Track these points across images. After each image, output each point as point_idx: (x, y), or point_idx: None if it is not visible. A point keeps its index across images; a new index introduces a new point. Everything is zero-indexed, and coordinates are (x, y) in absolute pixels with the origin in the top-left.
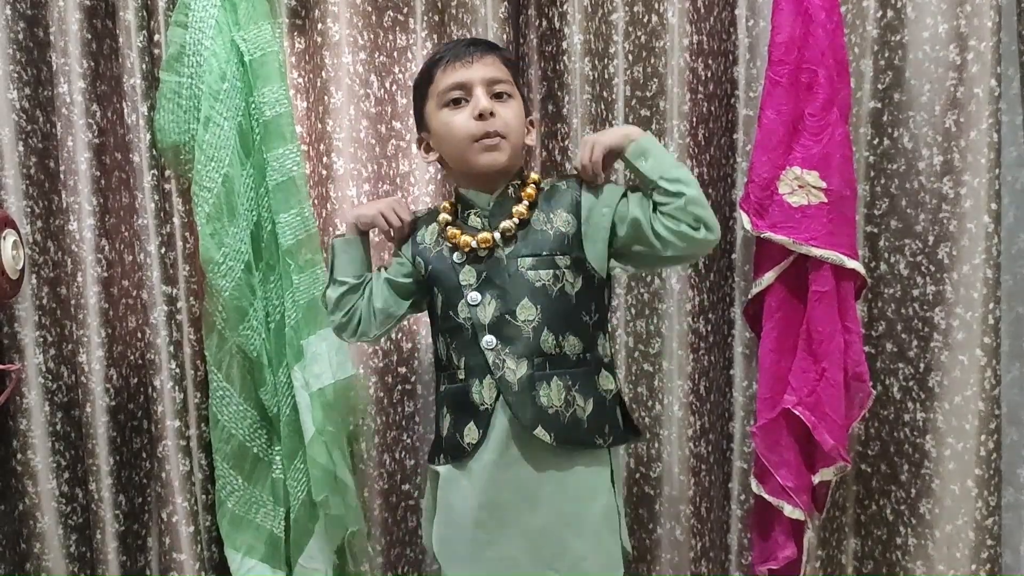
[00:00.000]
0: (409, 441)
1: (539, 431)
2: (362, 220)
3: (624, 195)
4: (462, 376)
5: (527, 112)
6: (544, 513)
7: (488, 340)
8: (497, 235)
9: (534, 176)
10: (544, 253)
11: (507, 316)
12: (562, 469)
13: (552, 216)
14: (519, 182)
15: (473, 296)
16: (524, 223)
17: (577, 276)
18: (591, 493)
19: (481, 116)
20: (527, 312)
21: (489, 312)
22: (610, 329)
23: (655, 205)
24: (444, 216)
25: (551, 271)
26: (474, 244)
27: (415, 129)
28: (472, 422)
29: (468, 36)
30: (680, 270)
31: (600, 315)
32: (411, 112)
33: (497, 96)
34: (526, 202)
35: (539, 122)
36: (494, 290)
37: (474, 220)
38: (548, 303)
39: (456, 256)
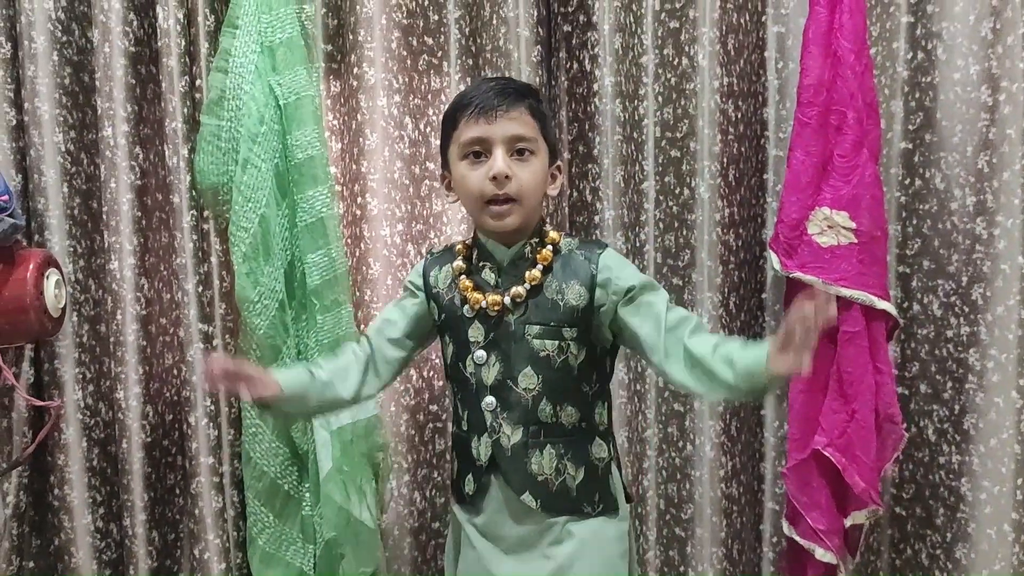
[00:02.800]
0: (440, 479)
1: (526, 496)
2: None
3: (631, 297)
4: (465, 428)
5: (554, 158)
6: (540, 564)
7: (488, 401)
8: (508, 300)
9: (553, 235)
10: (552, 324)
11: (508, 381)
12: (550, 534)
13: (564, 287)
14: (537, 240)
15: (479, 355)
16: (536, 288)
17: (581, 348)
18: (588, 547)
19: (495, 179)
20: (528, 380)
21: (492, 374)
22: (639, 369)
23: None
24: (459, 263)
25: (556, 342)
26: (484, 304)
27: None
28: (471, 474)
29: (501, 76)
30: (711, 309)
31: (600, 384)
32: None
33: (519, 152)
34: (540, 266)
35: (567, 167)
36: (499, 353)
37: (487, 274)
38: (550, 373)
39: (466, 310)
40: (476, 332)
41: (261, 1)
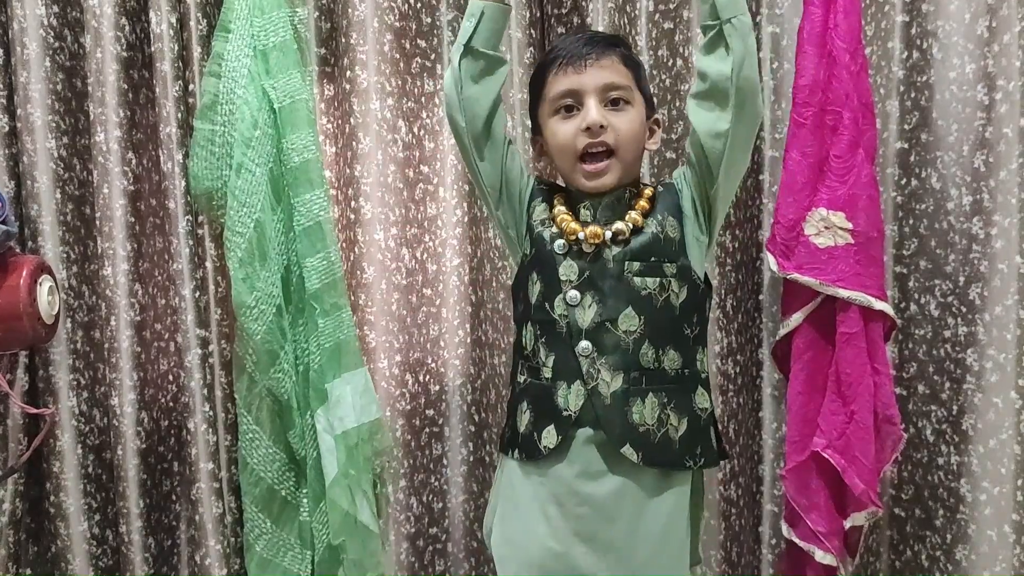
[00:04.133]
0: (437, 484)
1: (627, 449)
2: None
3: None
4: (548, 375)
5: (651, 111)
6: (620, 531)
7: (584, 346)
8: (608, 234)
9: (649, 191)
10: (653, 259)
11: (607, 324)
12: (643, 488)
13: (662, 219)
14: (636, 190)
15: (572, 295)
16: (636, 230)
17: (683, 285)
18: (669, 516)
19: (589, 130)
20: (629, 322)
21: (588, 316)
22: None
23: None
24: (558, 203)
25: (658, 279)
26: (581, 236)
27: (531, 130)
28: (552, 425)
29: (586, 29)
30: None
31: (700, 328)
32: (438, 156)
33: (613, 103)
34: (640, 212)
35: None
36: (596, 293)
37: (584, 213)
38: (653, 314)
39: (558, 245)
40: (568, 270)
41: (253, 5)
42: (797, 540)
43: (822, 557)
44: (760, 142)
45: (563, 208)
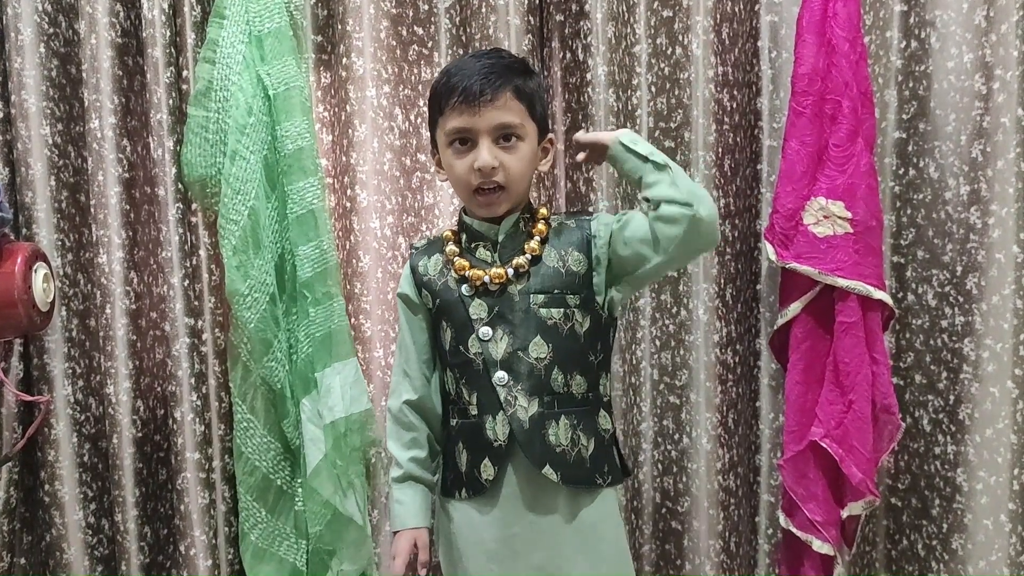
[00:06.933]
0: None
1: (547, 470)
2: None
3: (619, 219)
4: (474, 412)
5: (544, 133)
6: (557, 548)
7: (500, 376)
8: (511, 271)
9: (543, 211)
10: (556, 291)
11: (519, 353)
12: (571, 506)
13: (564, 254)
14: (528, 216)
15: (484, 331)
16: (536, 259)
17: (586, 316)
18: (599, 528)
19: (481, 171)
20: (539, 349)
21: (501, 348)
22: (634, 362)
23: (648, 201)
24: (451, 247)
25: (562, 309)
26: (486, 279)
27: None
28: (487, 459)
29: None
30: (708, 301)
31: (604, 355)
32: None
33: (505, 138)
34: (538, 238)
35: (561, 157)
36: (506, 325)
37: (482, 253)
38: (559, 341)
39: (465, 289)
40: (478, 309)
41: None
42: (795, 530)
43: (819, 547)
44: (758, 131)
45: (460, 259)
